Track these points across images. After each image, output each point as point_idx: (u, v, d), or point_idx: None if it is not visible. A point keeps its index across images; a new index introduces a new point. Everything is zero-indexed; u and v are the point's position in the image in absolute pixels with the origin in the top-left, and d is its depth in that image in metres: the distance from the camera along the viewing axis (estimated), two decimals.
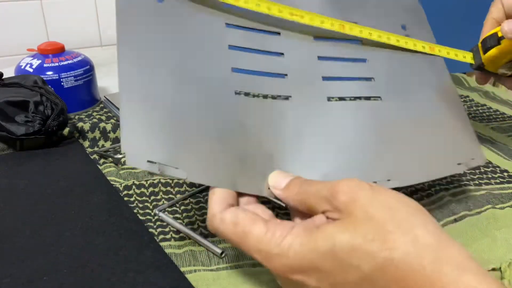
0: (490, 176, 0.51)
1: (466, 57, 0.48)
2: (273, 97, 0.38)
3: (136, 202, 0.45)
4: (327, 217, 0.29)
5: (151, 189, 0.47)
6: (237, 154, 0.33)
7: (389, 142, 0.38)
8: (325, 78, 0.40)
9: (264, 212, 0.32)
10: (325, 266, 0.27)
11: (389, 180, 0.36)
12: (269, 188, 0.33)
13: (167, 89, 0.33)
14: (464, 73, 0.87)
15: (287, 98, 0.38)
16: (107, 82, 0.80)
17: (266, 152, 0.34)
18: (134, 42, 0.34)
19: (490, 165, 0.53)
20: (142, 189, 0.47)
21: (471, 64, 0.48)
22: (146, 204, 0.45)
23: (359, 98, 0.40)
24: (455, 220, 0.42)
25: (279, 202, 0.34)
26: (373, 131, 0.39)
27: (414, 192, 0.47)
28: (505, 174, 0.51)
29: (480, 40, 0.48)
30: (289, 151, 0.35)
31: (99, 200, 0.45)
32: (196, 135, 0.33)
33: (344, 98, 0.40)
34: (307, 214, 0.31)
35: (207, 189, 0.48)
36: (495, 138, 0.60)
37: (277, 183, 0.33)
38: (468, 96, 0.76)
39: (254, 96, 0.37)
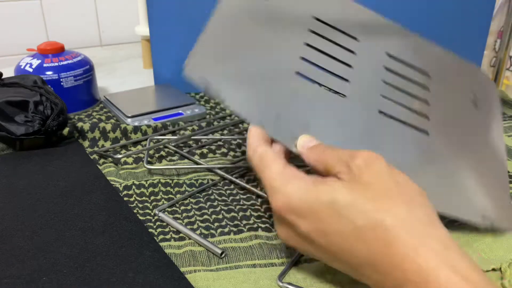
0: None
1: None
2: (329, 89, 0.40)
3: (136, 202, 0.45)
4: (338, 178, 0.31)
5: (151, 189, 0.47)
6: (278, 109, 0.37)
7: (421, 167, 0.39)
8: (384, 96, 0.42)
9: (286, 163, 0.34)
10: (321, 214, 0.29)
11: None
12: (295, 147, 0.36)
13: (244, 41, 0.40)
14: None
15: (343, 95, 0.40)
16: (107, 82, 0.80)
17: (304, 120, 0.37)
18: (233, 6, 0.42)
19: None
20: (142, 189, 0.47)
21: None
22: (146, 204, 0.45)
23: (409, 125, 0.41)
24: (456, 220, 0.42)
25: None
26: (409, 154, 0.40)
27: None
28: None
29: None
30: (323, 133, 0.37)
31: (99, 200, 0.45)
32: (249, 76, 0.38)
33: (394, 118, 0.41)
34: (324, 175, 0.33)
35: (207, 189, 0.48)
36: None
37: (305, 142, 0.35)
38: None
39: (311, 81, 0.40)
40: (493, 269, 0.36)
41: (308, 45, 0.42)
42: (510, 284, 0.35)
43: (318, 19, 0.43)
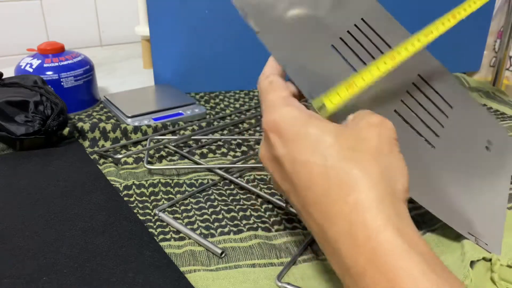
0: None
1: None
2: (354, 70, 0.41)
3: (136, 202, 0.45)
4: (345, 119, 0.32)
5: (151, 189, 0.47)
6: (305, 60, 0.38)
7: (418, 170, 0.40)
8: (402, 102, 0.43)
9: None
10: (300, 142, 0.30)
11: None
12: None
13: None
14: (464, 73, 0.87)
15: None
16: (107, 82, 0.80)
17: (330, 78, 0.38)
18: None
19: None
20: (142, 189, 0.47)
21: None
22: (146, 204, 0.45)
23: (418, 133, 0.42)
24: None
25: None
26: (410, 158, 0.40)
27: None
28: None
29: None
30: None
31: (99, 200, 0.45)
32: (292, 24, 0.39)
33: (407, 121, 0.42)
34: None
35: (207, 189, 0.48)
36: None
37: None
38: None
39: (344, 58, 0.41)
40: (484, 258, 0.36)
41: (356, 26, 0.43)
42: (499, 277, 0.35)
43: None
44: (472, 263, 0.36)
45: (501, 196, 0.45)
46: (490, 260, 0.36)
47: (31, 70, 0.64)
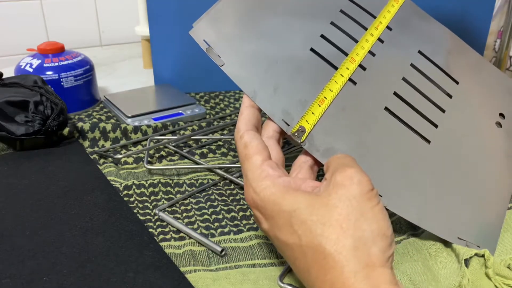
0: None
1: None
2: (336, 68, 0.40)
3: (136, 202, 0.45)
4: (321, 184, 0.32)
5: (151, 189, 0.47)
6: (277, 80, 0.38)
7: (407, 171, 0.38)
8: (395, 94, 0.40)
9: (277, 152, 0.35)
10: (278, 220, 0.30)
11: (380, 195, 0.35)
12: (292, 133, 0.36)
13: (258, 9, 0.41)
14: None
15: (353, 82, 0.39)
16: (107, 82, 0.80)
17: (302, 97, 0.37)
18: None
19: None
20: (142, 189, 0.47)
21: None
22: (146, 204, 0.45)
23: (412, 128, 0.40)
24: None
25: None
26: (401, 156, 0.38)
27: None
28: None
29: None
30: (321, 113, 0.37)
31: (99, 200, 0.45)
32: (256, 44, 0.39)
33: (398, 117, 0.40)
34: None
35: (207, 189, 0.48)
36: None
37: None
38: None
39: (324, 59, 0.40)
40: (476, 254, 0.36)
41: (333, 24, 0.41)
42: (494, 272, 0.35)
43: (353, 2, 0.43)
44: (466, 261, 0.36)
45: (504, 186, 0.42)
46: (483, 255, 0.36)
47: (31, 70, 0.64)
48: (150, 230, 0.41)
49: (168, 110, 0.65)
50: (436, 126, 0.41)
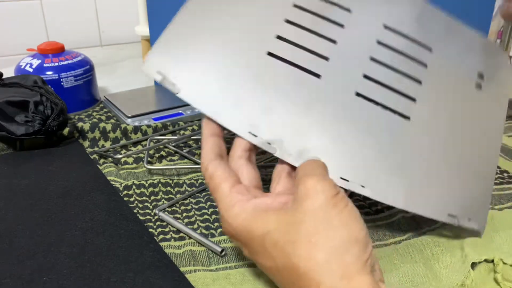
0: None
1: None
2: (303, 69, 0.37)
3: (136, 202, 0.45)
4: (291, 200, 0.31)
5: (151, 189, 0.47)
6: (237, 94, 0.36)
7: (389, 155, 0.36)
8: (366, 77, 0.38)
9: (248, 172, 0.34)
10: (254, 245, 0.30)
11: (363, 186, 0.34)
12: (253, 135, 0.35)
13: (208, 18, 0.39)
14: None
15: (317, 75, 0.37)
16: (107, 82, 0.80)
17: (264, 105, 0.36)
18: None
19: None
20: (142, 189, 0.47)
21: None
22: (146, 204, 0.45)
23: (389, 108, 0.37)
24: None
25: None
26: (382, 139, 0.37)
27: None
28: (505, 174, 0.51)
29: None
30: (287, 118, 0.35)
31: (99, 200, 0.45)
32: (209, 60, 0.37)
33: (372, 100, 0.37)
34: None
35: (207, 189, 0.48)
36: None
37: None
38: None
39: (283, 61, 0.37)
40: (485, 260, 0.36)
41: (289, 21, 0.39)
42: (503, 278, 0.35)
43: None
44: (473, 264, 0.36)
45: (491, 151, 0.41)
46: (492, 261, 0.36)
47: (31, 70, 0.64)
48: (150, 230, 0.41)
49: (168, 110, 0.65)
50: (414, 100, 0.38)
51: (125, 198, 0.45)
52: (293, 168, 0.34)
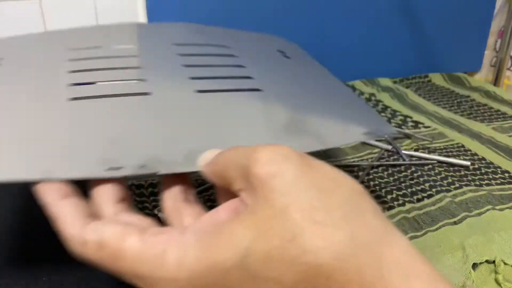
0: (491, 177, 0.51)
1: None
2: (130, 94, 0.34)
3: (136, 202, 0.45)
4: (242, 200, 0.22)
5: (150, 189, 0.47)
6: (60, 144, 0.30)
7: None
8: (194, 78, 0.38)
9: (141, 219, 0.25)
10: (234, 285, 0.20)
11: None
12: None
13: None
14: (465, 72, 0.87)
15: (146, 94, 0.35)
16: None
17: (106, 139, 0.30)
18: None
19: (491, 165, 0.53)
20: (142, 189, 0.47)
21: None
22: (145, 204, 0.45)
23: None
24: (455, 223, 0.42)
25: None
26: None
27: (415, 193, 0.47)
28: (506, 175, 0.51)
29: None
30: (132, 140, 0.31)
31: None
32: (9, 138, 0.30)
33: (214, 90, 0.36)
34: (232, 194, 0.23)
35: (206, 189, 0.48)
36: (497, 138, 0.60)
37: (207, 158, 0.26)
38: (469, 96, 0.76)
39: (96, 97, 0.33)
40: (487, 261, 0.36)
41: (74, 71, 0.37)
42: (504, 278, 0.35)
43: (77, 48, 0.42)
44: (474, 265, 0.35)
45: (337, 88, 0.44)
46: (493, 262, 0.36)
47: None
48: None
49: None
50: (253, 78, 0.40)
51: None
52: (186, 189, 0.27)
